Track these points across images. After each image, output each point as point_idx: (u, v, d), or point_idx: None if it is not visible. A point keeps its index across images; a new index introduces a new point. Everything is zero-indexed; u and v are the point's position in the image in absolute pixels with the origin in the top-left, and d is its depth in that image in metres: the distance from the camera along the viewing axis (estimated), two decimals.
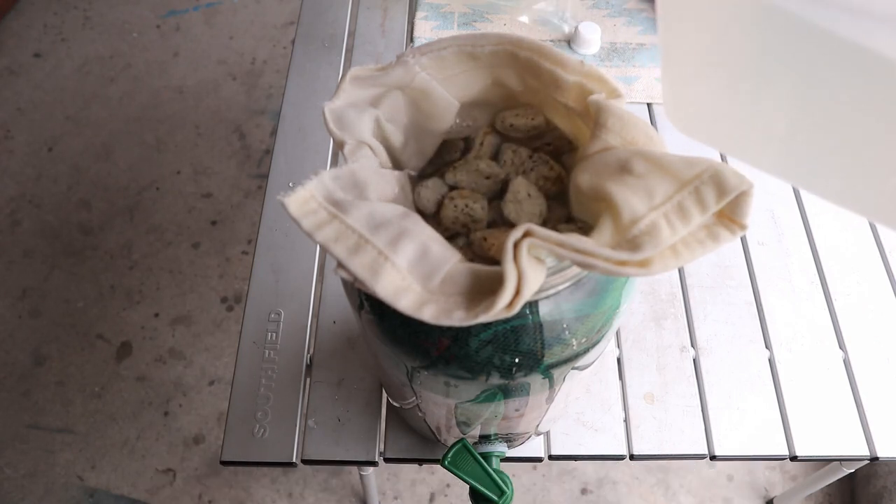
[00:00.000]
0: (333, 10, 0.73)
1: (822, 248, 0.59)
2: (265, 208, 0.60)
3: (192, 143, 1.33)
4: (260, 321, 0.54)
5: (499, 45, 0.30)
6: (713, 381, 0.53)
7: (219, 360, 1.11)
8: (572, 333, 0.29)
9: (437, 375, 0.31)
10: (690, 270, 0.58)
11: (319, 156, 0.63)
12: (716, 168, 0.24)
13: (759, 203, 0.62)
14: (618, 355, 0.54)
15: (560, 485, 1.00)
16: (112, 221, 1.24)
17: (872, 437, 0.51)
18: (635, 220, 0.24)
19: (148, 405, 1.07)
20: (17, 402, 1.07)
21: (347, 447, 0.50)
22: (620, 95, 0.28)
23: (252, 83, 1.41)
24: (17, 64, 1.45)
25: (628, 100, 0.67)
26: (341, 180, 0.26)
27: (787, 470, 1.02)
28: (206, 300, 1.16)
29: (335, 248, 0.24)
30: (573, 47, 0.70)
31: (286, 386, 0.51)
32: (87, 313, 1.15)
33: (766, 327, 0.55)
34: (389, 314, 0.29)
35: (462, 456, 0.41)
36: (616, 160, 0.26)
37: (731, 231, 0.24)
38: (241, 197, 1.27)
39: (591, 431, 0.51)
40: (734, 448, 0.50)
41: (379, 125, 0.29)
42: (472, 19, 0.72)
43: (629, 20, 0.73)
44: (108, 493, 1.00)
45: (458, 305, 0.23)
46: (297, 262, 0.57)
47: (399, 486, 1.00)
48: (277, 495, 1.00)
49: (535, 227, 0.23)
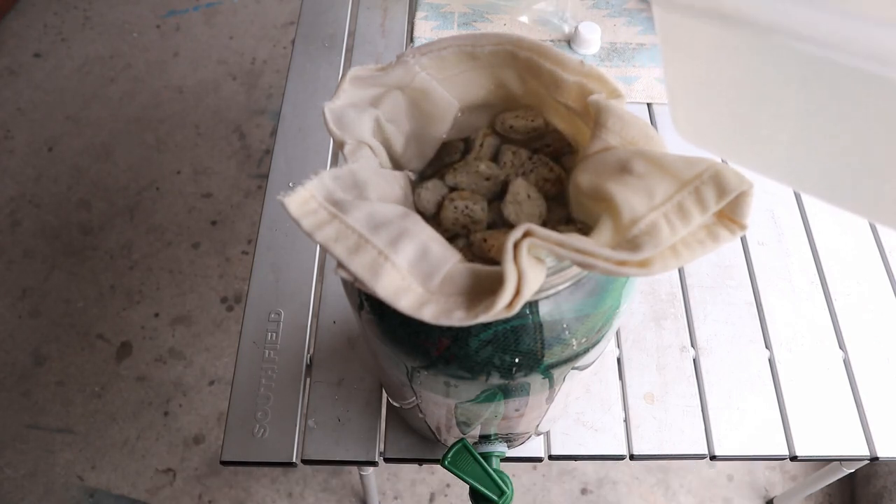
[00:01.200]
0: (333, 10, 0.73)
1: (822, 248, 0.59)
2: (265, 208, 0.60)
3: (192, 143, 1.33)
4: (260, 321, 0.54)
5: (499, 45, 0.30)
6: (713, 381, 0.53)
7: (219, 360, 1.11)
8: (572, 333, 0.29)
9: (437, 375, 0.31)
10: (690, 270, 0.58)
11: (319, 156, 0.63)
12: (716, 168, 0.24)
13: (759, 203, 0.62)
14: (618, 355, 0.54)
15: (560, 485, 1.00)
16: (112, 221, 1.24)
17: (872, 437, 0.51)
18: (635, 220, 0.24)
19: (148, 405, 1.07)
20: (17, 402, 1.07)
21: (347, 447, 0.50)
22: (620, 95, 0.28)
23: (252, 83, 1.41)
24: (17, 64, 1.45)
25: (628, 100, 0.67)
26: (341, 180, 0.26)
27: (787, 470, 1.02)
28: (206, 300, 1.16)
29: (335, 247, 0.24)
30: (573, 47, 0.70)
31: (286, 386, 0.51)
32: (87, 313, 1.15)
33: (766, 327, 0.55)
34: (389, 314, 0.29)
35: (462, 456, 0.41)
36: (616, 160, 0.26)
37: (731, 231, 0.24)
38: (241, 197, 1.27)
39: (591, 431, 0.51)
40: (734, 448, 0.50)
41: (379, 125, 0.29)
42: (472, 19, 0.72)
43: (629, 20, 0.73)
44: (108, 493, 1.00)
45: (458, 305, 0.23)
46: (297, 262, 0.57)
47: (399, 486, 1.00)
48: (277, 495, 1.00)
49: (535, 227, 0.23)
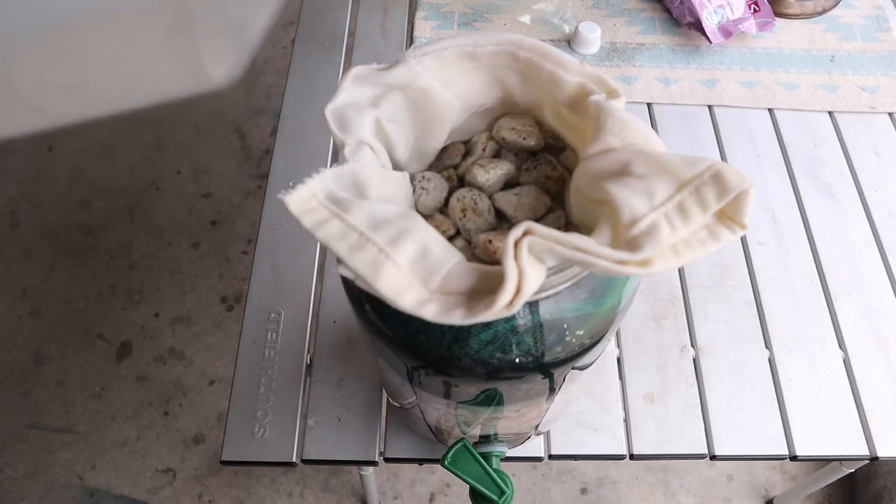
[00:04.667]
0: (333, 10, 0.73)
1: (822, 248, 0.59)
2: (265, 208, 0.60)
3: (192, 143, 1.33)
4: (260, 321, 0.54)
5: (499, 46, 0.30)
6: (713, 381, 0.53)
7: (219, 360, 1.11)
8: (572, 333, 0.29)
9: (437, 375, 0.31)
10: (690, 270, 0.58)
11: (319, 156, 0.63)
12: (716, 167, 0.24)
13: (759, 203, 0.62)
14: (618, 355, 0.54)
15: (560, 485, 1.00)
16: (112, 221, 1.24)
17: (872, 437, 0.51)
18: (636, 220, 0.24)
19: (148, 405, 1.07)
20: (17, 402, 1.07)
21: (347, 447, 0.50)
22: (620, 95, 0.28)
23: (252, 83, 1.41)
24: None
25: (628, 100, 0.67)
26: (342, 179, 0.26)
27: (787, 470, 1.02)
28: (206, 300, 1.16)
29: (336, 245, 0.24)
30: (573, 47, 0.70)
31: (286, 386, 0.51)
32: (87, 313, 1.15)
33: (766, 327, 0.55)
34: (390, 313, 0.29)
35: (462, 456, 0.41)
36: (616, 161, 0.26)
37: (731, 230, 0.24)
38: (241, 197, 1.27)
39: (591, 431, 0.51)
40: (734, 448, 0.50)
41: (380, 126, 0.29)
42: (472, 19, 0.72)
43: (629, 20, 0.73)
44: (108, 493, 1.00)
45: (458, 304, 0.23)
46: (297, 262, 0.57)
47: (399, 486, 1.00)
48: (277, 495, 1.00)
49: (536, 226, 0.23)
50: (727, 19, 0.69)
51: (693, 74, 0.69)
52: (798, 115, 0.67)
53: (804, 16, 0.73)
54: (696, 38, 0.71)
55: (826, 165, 0.64)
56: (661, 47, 0.71)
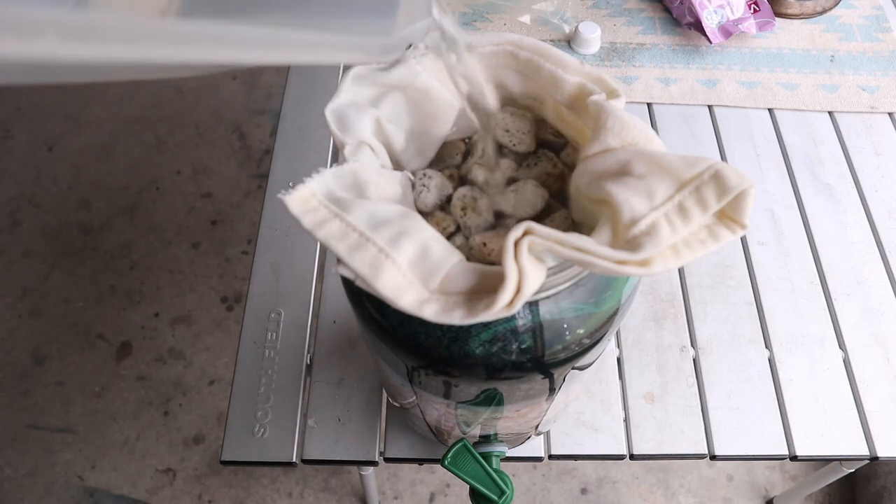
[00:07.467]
0: None
1: (822, 248, 0.59)
2: (265, 208, 0.60)
3: (192, 143, 1.33)
4: (260, 321, 0.54)
5: (499, 46, 0.30)
6: (713, 381, 0.53)
7: (219, 360, 1.11)
8: (573, 333, 0.29)
9: (437, 375, 0.31)
10: (690, 270, 0.58)
11: (319, 156, 0.63)
12: (716, 167, 0.24)
13: (759, 203, 0.62)
14: (618, 355, 0.54)
15: (560, 485, 1.00)
16: (112, 221, 1.24)
17: (872, 437, 0.51)
18: (636, 220, 0.24)
19: (148, 405, 1.07)
20: (17, 402, 1.07)
21: (347, 447, 0.50)
22: (620, 95, 0.28)
23: (252, 83, 1.41)
24: None
25: (628, 100, 0.67)
26: (342, 179, 0.26)
27: (787, 470, 1.02)
28: (206, 300, 1.16)
29: (336, 245, 0.24)
30: (573, 47, 0.70)
31: (286, 386, 0.51)
32: (87, 313, 1.15)
33: (766, 327, 0.55)
34: (390, 313, 0.29)
35: (462, 456, 0.41)
36: (616, 161, 0.26)
37: (731, 230, 0.24)
38: (241, 197, 1.27)
39: (591, 431, 0.51)
40: (734, 448, 0.50)
41: (380, 126, 0.29)
42: (472, 19, 0.72)
43: (629, 20, 0.73)
44: (108, 493, 1.00)
45: (458, 304, 0.23)
46: (297, 262, 0.57)
47: (399, 486, 1.00)
48: (277, 495, 1.00)
49: (536, 226, 0.23)
50: (727, 19, 0.69)
51: (693, 74, 0.69)
52: (798, 115, 0.67)
53: (804, 16, 0.73)
54: (696, 38, 0.71)
55: (826, 165, 0.64)
56: (661, 47, 0.71)
